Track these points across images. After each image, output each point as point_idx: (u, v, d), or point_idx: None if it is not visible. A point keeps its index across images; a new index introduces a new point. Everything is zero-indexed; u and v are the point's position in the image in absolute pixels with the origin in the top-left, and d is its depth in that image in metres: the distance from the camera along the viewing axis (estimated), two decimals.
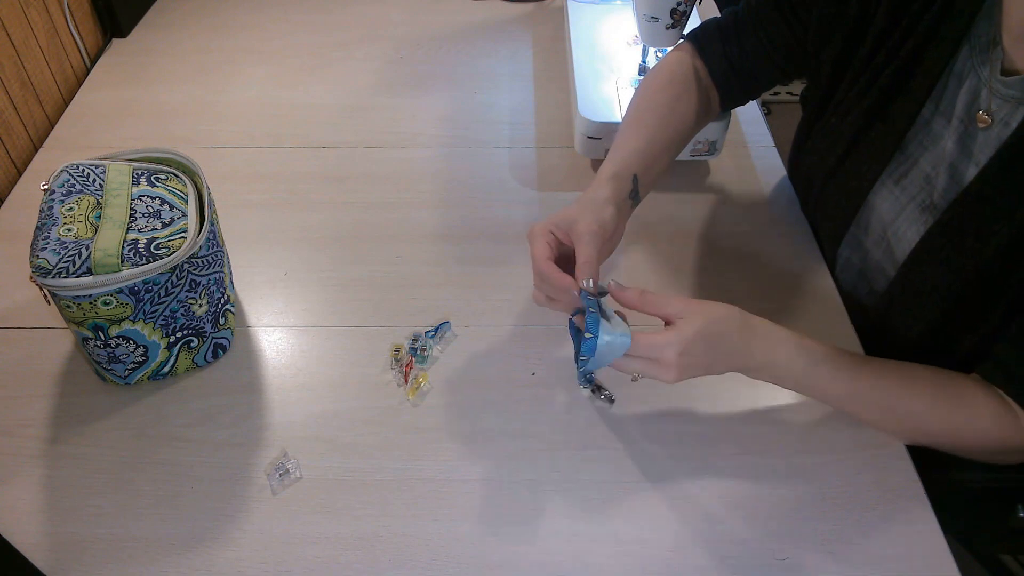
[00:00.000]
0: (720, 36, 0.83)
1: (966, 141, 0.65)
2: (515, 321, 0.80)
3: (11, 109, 0.98)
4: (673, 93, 0.82)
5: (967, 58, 0.65)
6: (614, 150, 0.77)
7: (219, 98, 1.09)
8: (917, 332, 0.70)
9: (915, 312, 0.70)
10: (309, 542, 0.63)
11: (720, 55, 0.83)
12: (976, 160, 0.64)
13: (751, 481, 0.68)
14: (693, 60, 0.84)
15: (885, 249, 0.75)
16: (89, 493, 0.66)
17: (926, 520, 0.65)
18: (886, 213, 0.74)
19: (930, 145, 0.69)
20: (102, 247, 0.64)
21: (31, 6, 1.02)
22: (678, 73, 0.83)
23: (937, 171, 0.68)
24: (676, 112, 0.81)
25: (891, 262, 0.75)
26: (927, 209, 0.70)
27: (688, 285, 0.84)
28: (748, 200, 0.95)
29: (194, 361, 0.74)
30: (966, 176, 0.65)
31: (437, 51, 1.19)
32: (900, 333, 0.72)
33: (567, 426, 0.71)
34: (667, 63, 0.85)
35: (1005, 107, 0.62)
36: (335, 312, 0.81)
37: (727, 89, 0.85)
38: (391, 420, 0.72)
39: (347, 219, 0.91)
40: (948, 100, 0.67)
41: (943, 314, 0.67)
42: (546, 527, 0.65)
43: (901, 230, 0.72)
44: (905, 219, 0.72)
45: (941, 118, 0.68)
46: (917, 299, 0.69)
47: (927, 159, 0.70)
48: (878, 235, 0.76)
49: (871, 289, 0.80)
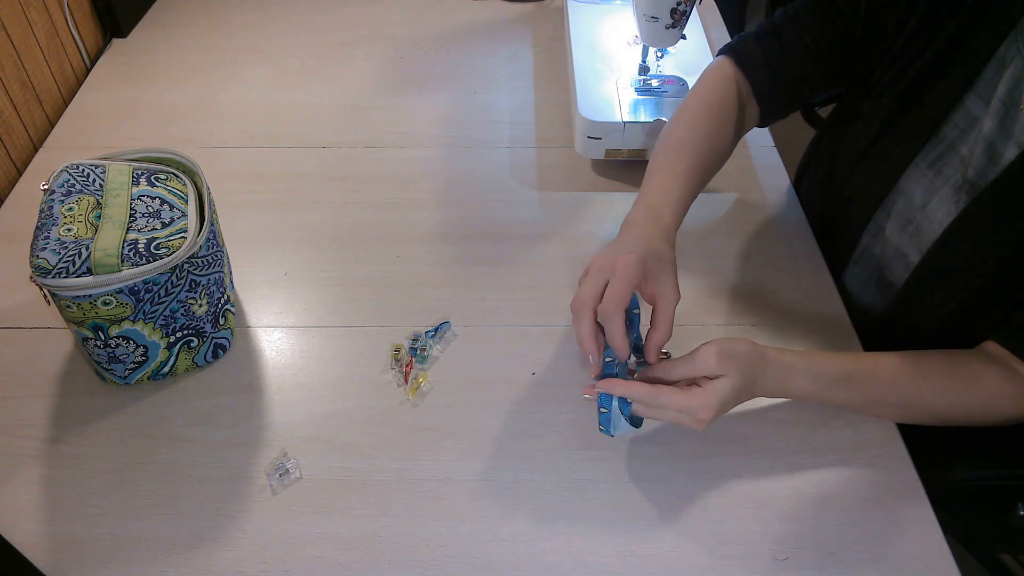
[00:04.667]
0: (760, 45, 0.81)
1: (1007, 123, 0.65)
2: (515, 321, 0.80)
3: (11, 109, 0.98)
4: (714, 121, 0.79)
5: (1012, 43, 0.65)
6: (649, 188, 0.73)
7: (219, 98, 1.09)
8: (947, 311, 0.70)
9: (948, 291, 0.70)
10: (309, 542, 0.63)
11: (761, 63, 0.80)
12: (1018, 141, 0.64)
13: (751, 481, 0.68)
14: (734, 75, 0.81)
15: (912, 234, 0.75)
16: (89, 493, 0.66)
17: (926, 520, 0.65)
18: (917, 197, 0.74)
19: (966, 127, 0.69)
20: (102, 247, 0.64)
21: (31, 6, 1.02)
22: (720, 98, 0.80)
23: (972, 151, 0.68)
24: (715, 143, 0.78)
25: (915, 247, 0.74)
26: (960, 188, 0.70)
27: (688, 285, 0.84)
28: (748, 200, 0.95)
29: (194, 361, 0.74)
30: (1006, 156, 0.65)
31: (437, 51, 1.19)
32: (925, 316, 0.73)
33: (567, 426, 0.71)
34: (706, 84, 0.82)
35: None
36: (335, 312, 0.81)
37: (769, 100, 0.82)
38: (391, 420, 0.72)
39: (347, 219, 0.91)
40: (987, 83, 0.67)
41: (976, 291, 0.68)
42: (546, 527, 0.65)
43: (932, 211, 0.72)
44: (938, 200, 0.72)
45: (979, 100, 0.68)
46: (949, 277, 0.70)
47: (963, 141, 0.69)
48: (903, 220, 0.76)
49: (884, 281, 0.79)
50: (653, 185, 0.73)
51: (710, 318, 0.81)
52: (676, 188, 0.72)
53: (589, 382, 0.65)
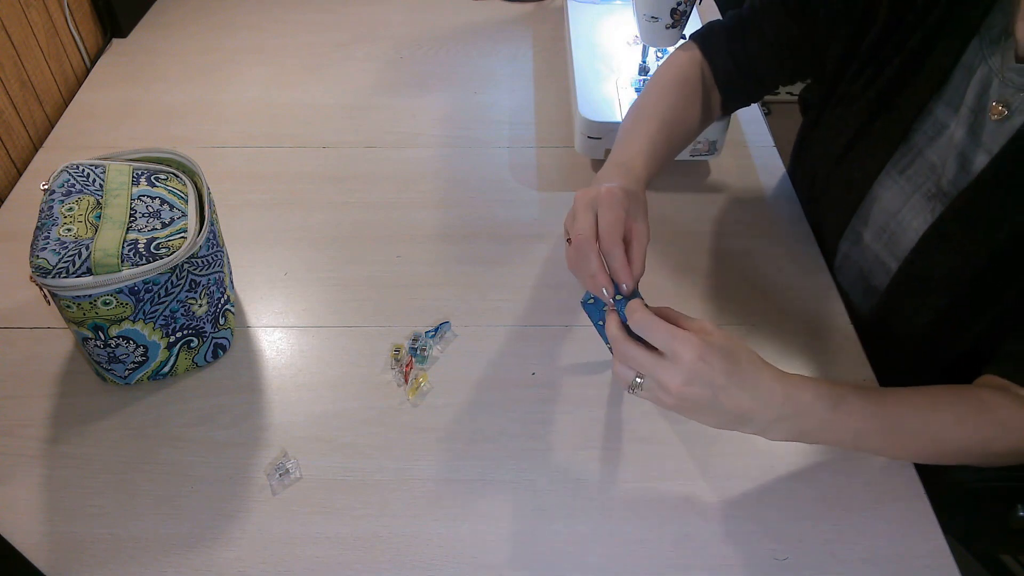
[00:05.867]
0: (726, 35, 0.83)
1: (976, 130, 0.66)
2: (515, 321, 0.80)
3: (11, 109, 0.98)
4: (680, 94, 0.80)
5: (977, 50, 0.66)
6: (619, 150, 0.75)
7: (219, 98, 1.09)
8: (927, 320, 0.70)
9: (924, 299, 0.70)
10: (309, 542, 0.63)
11: (725, 53, 0.82)
12: (988, 148, 0.65)
13: (751, 481, 0.68)
14: (700, 60, 0.83)
15: (886, 242, 0.75)
16: (89, 493, 0.66)
17: (926, 520, 0.65)
18: (890, 203, 0.74)
19: (935, 134, 0.70)
20: (102, 247, 0.64)
21: (31, 6, 1.02)
22: (685, 74, 0.82)
23: (944, 160, 0.69)
24: (681, 114, 0.80)
25: (892, 255, 0.75)
26: (934, 197, 0.70)
27: (688, 285, 0.84)
28: (748, 200, 0.95)
29: (194, 361, 0.74)
30: (976, 164, 0.66)
31: (437, 51, 1.19)
32: (906, 324, 0.72)
33: (567, 426, 0.71)
34: (673, 63, 0.84)
35: (1019, 96, 0.62)
36: (335, 312, 0.81)
37: (730, 90, 0.84)
38: (391, 420, 0.72)
39: (347, 219, 0.91)
40: (953, 90, 0.68)
41: (953, 300, 0.68)
42: (546, 527, 0.65)
43: (906, 220, 0.73)
44: (910, 208, 0.72)
45: (946, 107, 0.69)
46: (926, 286, 0.70)
47: (932, 148, 0.70)
48: (879, 227, 0.76)
49: (869, 286, 0.80)
50: (621, 148, 0.74)
51: (710, 318, 0.81)
52: (645, 148, 0.73)
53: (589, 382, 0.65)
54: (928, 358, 0.73)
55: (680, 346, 0.54)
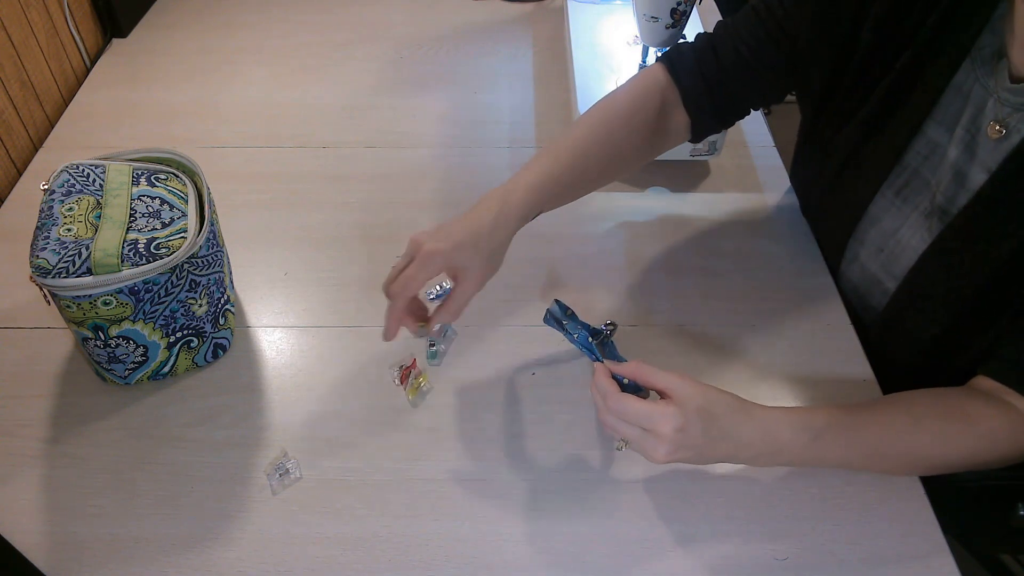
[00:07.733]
0: (694, 56, 0.78)
1: (972, 149, 0.65)
2: (515, 321, 0.80)
3: (11, 109, 0.98)
4: (620, 122, 0.76)
5: (969, 71, 0.65)
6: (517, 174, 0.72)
7: (219, 98, 1.09)
8: (928, 336, 0.70)
9: (927, 315, 0.70)
10: (309, 542, 0.63)
11: (695, 73, 0.78)
12: (986, 166, 0.64)
13: (751, 481, 0.68)
14: (664, 83, 0.78)
15: (884, 261, 0.75)
16: (89, 493, 0.66)
17: (926, 520, 0.65)
18: (888, 224, 0.74)
19: (928, 153, 0.69)
20: (102, 247, 0.64)
21: (31, 6, 1.02)
22: (633, 100, 0.78)
23: (939, 178, 0.68)
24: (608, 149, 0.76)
25: (889, 274, 0.75)
26: (932, 214, 0.70)
27: (688, 285, 0.84)
28: (748, 200, 0.95)
29: (194, 361, 0.74)
30: (973, 181, 0.65)
31: (437, 51, 1.19)
32: (907, 342, 0.72)
33: (567, 426, 0.71)
34: (627, 91, 0.79)
35: (1016, 116, 0.62)
36: (335, 312, 0.81)
37: (698, 110, 0.79)
38: (391, 420, 0.72)
39: (347, 219, 0.91)
40: (945, 110, 0.67)
41: (955, 316, 0.68)
42: (546, 527, 0.65)
43: (905, 239, 0.72)
44: (909, 228, 0.72)
45: (938, 126, 0.68)
46: (927, 303, 0.69)
47: (926, 167, 0.70)
48: (876, 247, 0.76)
49: (867, 305, 0.80)
50: (519, 173, 0.72)
51: (710, 318, 0.81)
52: (533, 183, 0.70)
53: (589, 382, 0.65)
54: (930, 375, 0.72)
55: (657, 424, 0.58)
